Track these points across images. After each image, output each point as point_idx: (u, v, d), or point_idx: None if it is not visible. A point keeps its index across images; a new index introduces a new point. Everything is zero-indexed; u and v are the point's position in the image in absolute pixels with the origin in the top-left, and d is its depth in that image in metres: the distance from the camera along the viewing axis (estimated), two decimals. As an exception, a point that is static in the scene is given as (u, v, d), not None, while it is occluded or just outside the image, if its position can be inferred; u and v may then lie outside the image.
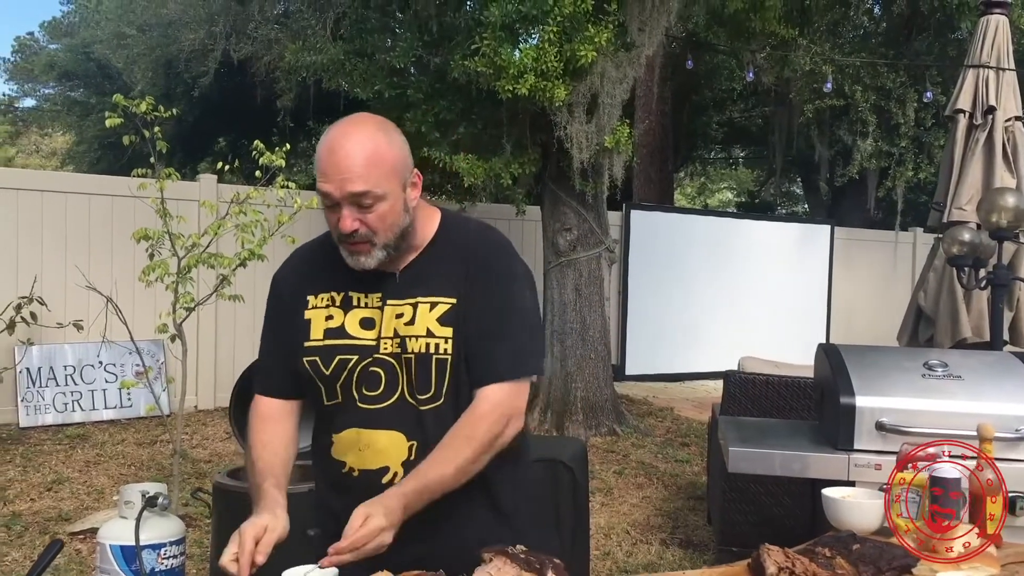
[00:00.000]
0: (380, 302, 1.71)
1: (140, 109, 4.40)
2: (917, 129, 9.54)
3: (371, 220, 1.62)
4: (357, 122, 1.67)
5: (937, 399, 2.82)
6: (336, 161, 1.60)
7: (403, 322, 1.68)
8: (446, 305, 1.68)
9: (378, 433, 1.68)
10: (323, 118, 10.04)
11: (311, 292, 1.77)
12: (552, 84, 5.79)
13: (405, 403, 1.68)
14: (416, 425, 1.68)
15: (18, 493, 5.01)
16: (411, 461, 1.66)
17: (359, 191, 1.59)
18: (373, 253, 1.65)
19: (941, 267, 4.60)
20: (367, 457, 1.69)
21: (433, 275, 1.71)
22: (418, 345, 1.66)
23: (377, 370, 1.69)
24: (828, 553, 1.66)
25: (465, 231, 1.80)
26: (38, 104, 20.01)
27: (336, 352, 1.70)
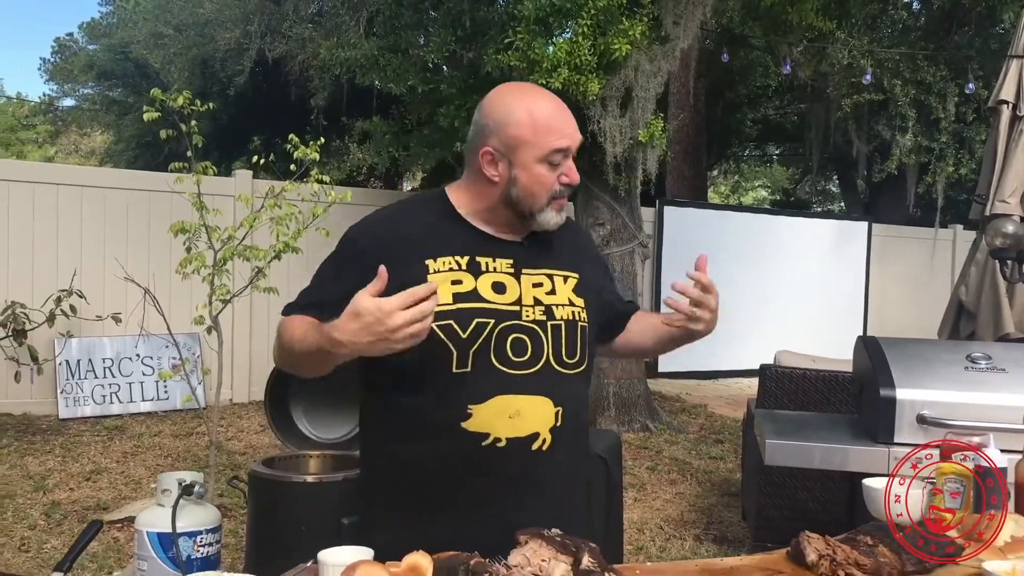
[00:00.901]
0: (512, 268, 1.73)
1: (177, 103, 4.44)
2: (958, 124, 9.36)
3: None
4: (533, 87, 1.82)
5: (980, 392, 2.77)
6: (565, 116, 1.72)
7: (544, 291, 1.74)
8: (574, 279, 1.80)
9: (528, 399, 1.67)
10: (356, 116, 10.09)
11: (429, 257, 1.70)
12: (586, 78, 5.76)
13: (551, 369, 1.70)
14: (561, 390, 1.71)
15: (57, 482, 5.09)
16: (558, 427, 1.69)
17: (578, 144, 1.74)
18: (566, 206, 1.79)
19: (983, 260, 4.49)
20: (517, 424, 1.66)
21: (556, 250, 1.81)
22: (566, 313, 1.74)
23: (522, 336, 1.69)
24: (870, 541, 1.63)
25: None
26: (77, 104, 20.34)
27: (473, 315, 1.66)
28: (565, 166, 1.71)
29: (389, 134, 7.72)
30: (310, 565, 1.59)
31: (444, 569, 1.40)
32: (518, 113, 1.68)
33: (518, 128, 1.67)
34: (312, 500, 3.10)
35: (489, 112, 1.72)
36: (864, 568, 1.55)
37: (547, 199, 1.71)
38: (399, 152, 7.65)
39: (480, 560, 1.45)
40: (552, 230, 1.76)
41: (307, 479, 3.15)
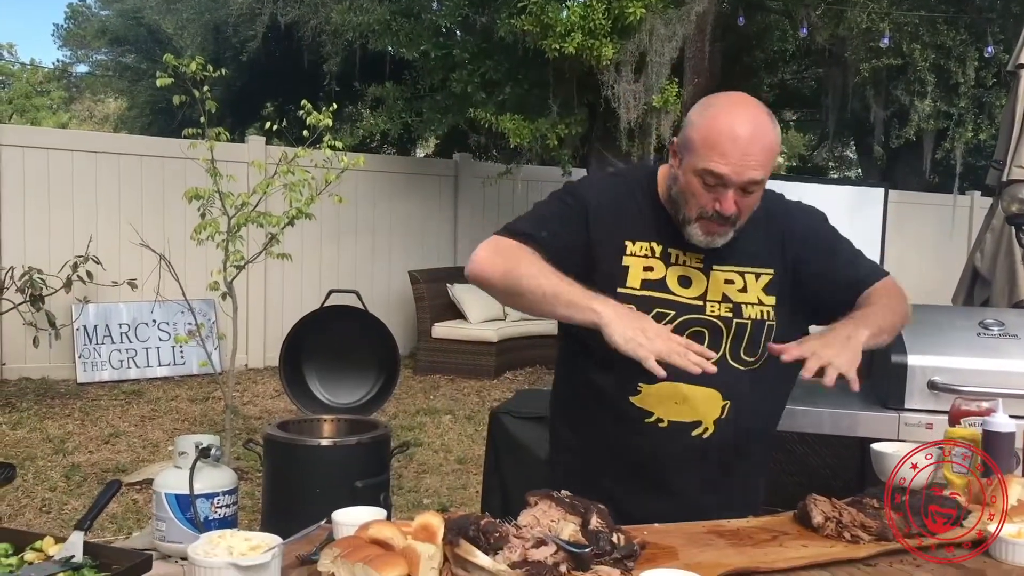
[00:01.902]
0: (701, 263, 1.76)
1: (190, 69, 4.44)
2: (977, 89, 9.23)
3: (747, 203, 1.68)
4: (751, 105, 1.69)
5: (992, 358, 2.75)
6: (741, 146, 1.62)
7: (735, 288, 1.77)
8: (768, 276, 1.79)
9: (697, 389, 1.72)
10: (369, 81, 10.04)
11: (628, 238, 1.77)
12: (600, 42, 5.72)
13: (726, 364, 1.74)
14: (734, 385, 1.75)
15: (77, 446, 5.17)
16: (723, 419, 1.75)
17: (758, 179, 1.65)
18: (728, 233, 1.71)
19: (999, 227, 4.45)
20: (683, 410, 1.74)
21: (751, 245, 1.79)
22: (754, 312, 1.76)
23: (701, 329, 1.74)
24: (876, 504, 1.64)
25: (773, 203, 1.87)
26: (91, 70, 20.35)
27: (655, 304, 1.73)
28: (722, 193, 1.65)
29: (402, 100, 7.69)
30: (324, 524, 1.62)
31: (454, 528, 1.42)
32: (706, 119, 1.67)
33: (695, 132, 1.67)
34: (326, 463, 3.15)
35: (696, 108, 1.74)
36: (869, 530, 1.56)
37: (696, 214, 1.69)
38: (412, 118, 7.62)
39: (490, 520, 1.47)
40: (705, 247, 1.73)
41: (321, 443, 3.20)
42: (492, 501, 3.13)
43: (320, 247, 7.68)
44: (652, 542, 1.55)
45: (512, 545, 1.42)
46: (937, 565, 1.52)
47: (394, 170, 8.52)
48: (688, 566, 1.41)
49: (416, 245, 8.35)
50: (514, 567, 1.37)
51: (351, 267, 8.00)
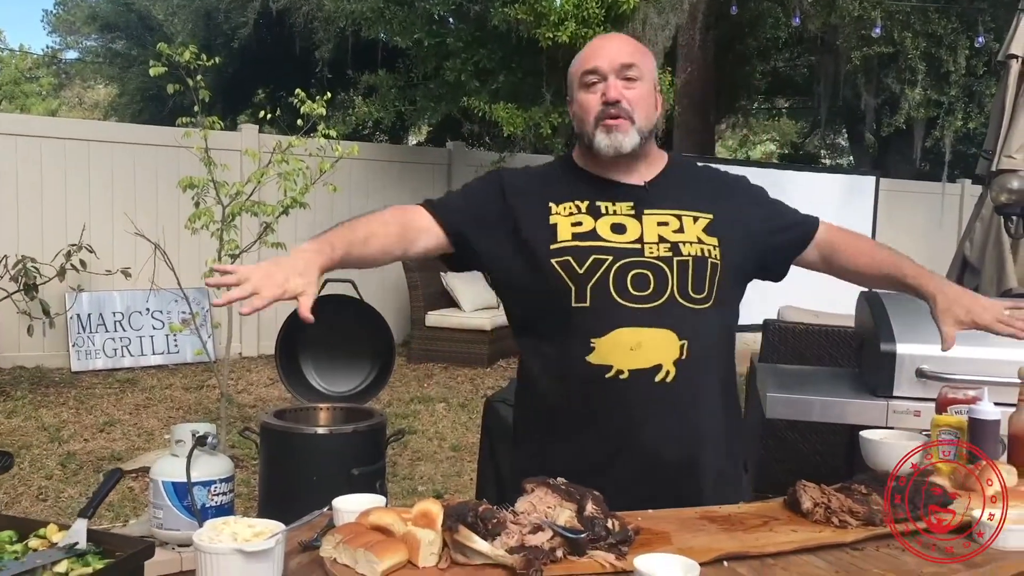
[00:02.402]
0: (632, 210, 1.81)
1: (184, 58, 4.44)
2: (968, 77, 9.28)
3: (631, 96, 1.77)
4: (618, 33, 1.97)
5: (980, 346, 2.78)
6: (607, 46, 1.82)
7: (671, 230, 1.79)
8: (706, 219, 1.82)
9: (651, 331, 1.72)
10: (361, 68, 10.02)
11: (552, 201, 1.82)
12: (593, 31, 5.74)
13: (676, 303, 1.74)
14: (687, 324, 1.75)
15: (72, 434, 5.19)
16: (682, 360, 1.73)
17: (628, 62, 1.78)
18: (630, 132, 1.77)
19: (988, 216, 4.50)
20: (639, 356, 1.72)
21: (683, 193, 1.86)
22: (694, 249, 1.77)
23: (645, 272, 1.75)
24: (864, 490, 1.68)
25: (691, 161, 2.05)
26: (80, 56, 20.21)
27: (591, 252, 1.75)
28: (604, 85, 1.77)
29: (395, 88, 7.69)
30: (325, 511, 1.65)
31: (453, 514, 1.46)
32: (584, 50, 1.85)
33: (571, 68, 1.85)
34: (323, 451, 3.18)
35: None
36: (857, 515, 1.60)
37: (593, 123, 1.79)
38: (405, 106, 7.62)
39: (488, 507, 1.51)
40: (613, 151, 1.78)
41: (318, 431, 3.22)
42: (487, 488, 3.16)
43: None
44: (646, 528, 1.59)
45: (510, 531, 1.46)
46: (921, 547, 1.56)
47: (387, 158, 8.52)
48: (681, 550, 1.45)
49: (409, 233, 8.35)
50: (512, 552, 1.41)
51: (345, 255, 8.01)
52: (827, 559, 1.50)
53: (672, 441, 1.77)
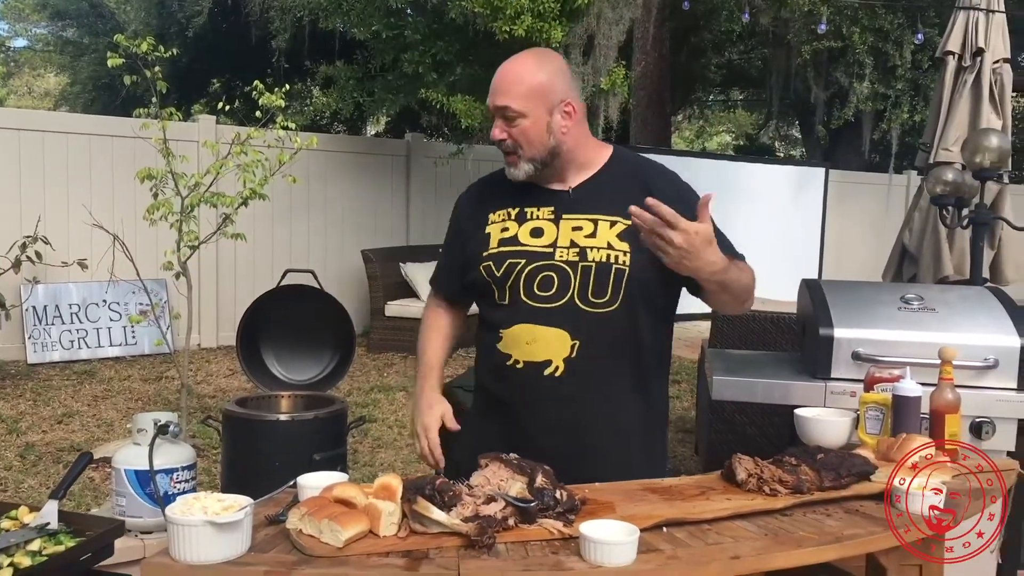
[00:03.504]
0: (552, 215, 1.96)
1: (141, 49, 4.45)
2: (914, 71, 9.54)
3: (514, 134, 1.90)
4: (523, 52, 1.98)
5: (911, 330, 2.96)
6: (496, 83, 1.92)
7: (583, 234, 1.92)
8: (623, 225, 1.90)
9: (545, 329, 1.90)
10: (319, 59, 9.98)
11: (491, 210, 2.03)
12: (549, 25, 5.82)
13: (574, 305, 1.89)
14: (581, 326, 1.89)
15: (30, 425, 5.18)
16: (571, 359, 1.89)
17: (500, 105, 1.90)
18: (520, 165, 1.93)
19: (926, 207, 4.70)
20: (532, 350, 1.91)
21: (608, 196, 1.95)
22: (599, 255, 1.90)
23: (550, 274, 1.91)
24: (794, 461, 1.81)
25: (636, 159, 2.09)
26: (30, 44, 19.79)
27: (507, 256, 1.95)
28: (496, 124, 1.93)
29: (353, 79, 7.72)
30: (289, 487, 1.74)
31: (412, 487, 1.56)
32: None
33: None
34: (285, 437, 3.23)
35: None
36: (786, 484, 1.73)
37: (503, 153, 1.96)
38: (363, 98, 7.65)
39: (445, 480, 1.61)
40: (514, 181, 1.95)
41: (279, 417, 3.28)
42: (446, 470, 3.26)
43: (272, 226, 7.70)
44: (592, 498, 1.71)
45: (465, 502, 1.57)
46: (845, 513, 1.70)
47: (346, 149, 8.54)
48: (624, 518, 1.57)
49: (369, 224, 8.40)
50: (467, 521, 1.52)
51: (304, 246, 8.04)
52: (757, 524, 1.63)
53: (559, 431, 1.92)
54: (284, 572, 1.38)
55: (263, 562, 1.42)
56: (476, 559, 1.45)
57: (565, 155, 1.95)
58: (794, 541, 1.55)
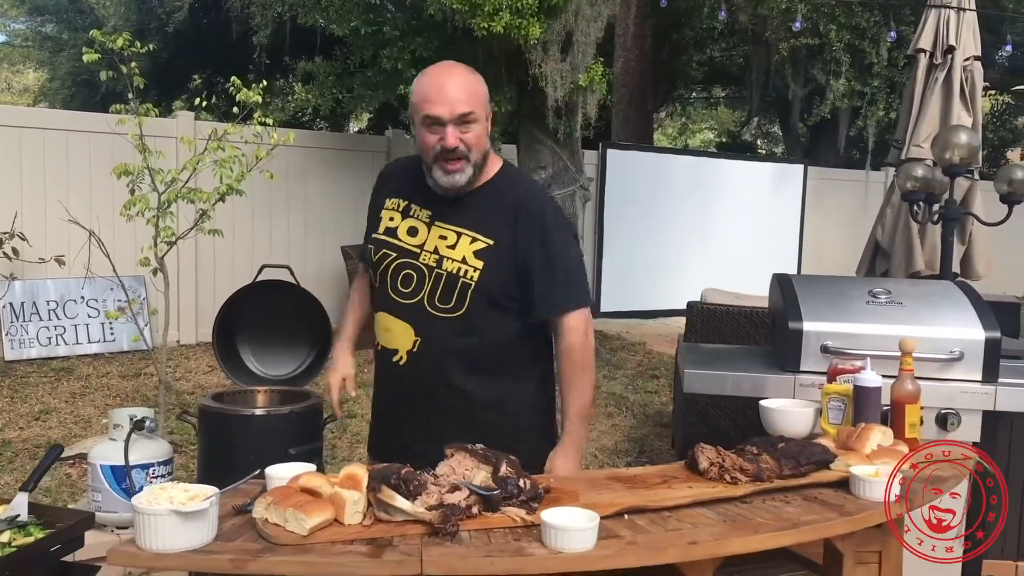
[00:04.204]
0: (429, 219, 2.09)
1: (117, 45, 4.43)
2: (890, 68, 9.63)
3: (469, 138, 1.99)
4: (454, 64, 2.06)
5: (878, 323, 3.01)
6: (447, 91, 1.96)
7: (446, 244, 2.05)
8: (484, 244, 2.03)
9: (397, 322, 2.09)
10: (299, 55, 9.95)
11: (389, 196, 2.18)
12: (527, 22, 5.84)
13: (423, 306, 2.05)
14: (426, 326, 2.05)
15: (7, 422, 5.16)
16: (414, 352, 2.07)
17: (465, 111, 1.96)
18: (465, 170, 2.02)
19: (898, 203, 4.77)
20: (388, 338, 2.11)
21: (478, 215, 2.05)
22: (452, 267, 2.03)
23: (411, 272, 2.07)
24: (755, 451, 1.85)
25: (519, 183, 2.16)
26: (8, 40, 19.61)
27: (383, 246, 2.12)
28: (442, 131, 1.97)
29: (332, 75, 7.70)
30: (255, 476, 1.76)
31: (378, 477, 1.58)
32: (419, 83, 2.03)
33: (413, 95, 2.04)
34: (260, 432, 3.24)
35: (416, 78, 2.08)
36: (747, 472, 1.77)
37: (432, 159, 2.02)
38: (343, 94, 7.65)
39: (410, 470, 1.64)
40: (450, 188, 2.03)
41: (255, 412, 3.29)
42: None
43: (252, 222, 7.68)
44: (556, 487, 1.74)
45: (430, 491, 1.60)
46: (804, 500, 1.74)
47: (326, 146, 8.53)
48: (587, 505, 1.60)
49: (348, 221, 8.38)
50: (431, 509, 1.54)
51: (284, 242, 8.02)
52: (717, 511, 1.67)
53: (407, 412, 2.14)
54: (248, 560, 1.41)
55: (228, 550, 1.44)
56: (439, 546, 1.47)
57: (482, 164, 2.05)
58: (751, 527, 1.59)
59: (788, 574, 1.77)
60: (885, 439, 1.93)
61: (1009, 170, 4.07)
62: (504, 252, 2.02)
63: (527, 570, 1.43)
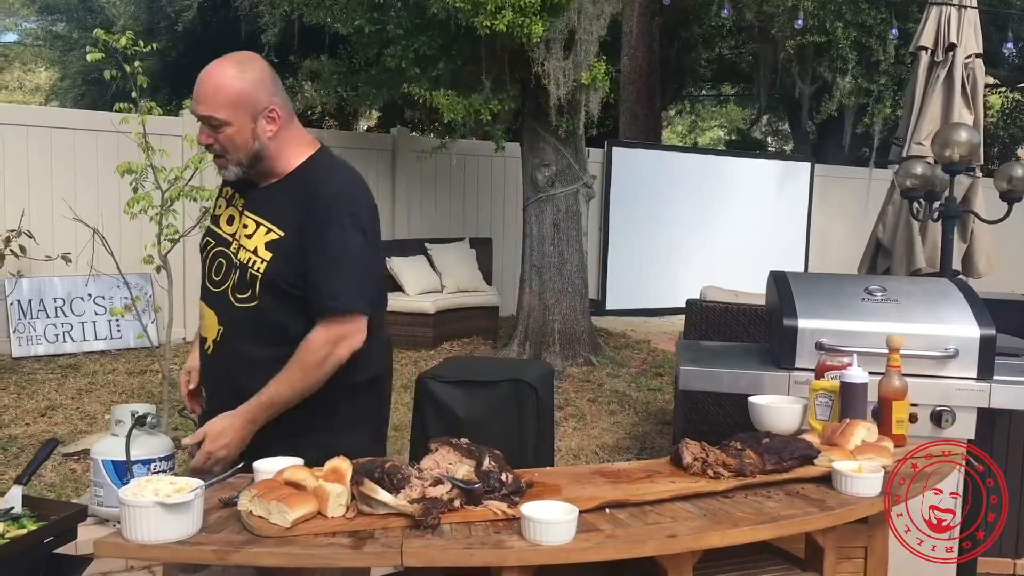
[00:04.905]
0: (241, 207, 2.10)
1: (120, 44, 4.47)
2: (897, 66, 9.59)
3: (220, 139, 1.99)
4: (223, 58, 2.02)
5: (873, 321, 3.01)
6: (197, 91, 1.98)
7: (246, 234, 2.05)
8: (276, 235, 2.01)
9: (208, 310, 2.10)
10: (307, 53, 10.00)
11: (227, 186, 2.17)
12: (529, 20, 5.85)
13: (227, 295, 2.05)
14: (228, 316, 2.05)
15: (13, 418, 5.21)
16: (218, 340, 2.07)
17: (204, 114, 1.97)
18: (229, 167, 2.04)
19: (899, 201, 4.76)
20: (202, 325, 2.14)
21: (279, 204, 2.03)
22: (244, 257, 2.02)
23: (223, 261, 2.08)
24: (739, 446, 1.86)
25: (319, 174, 2.05)
26: (20, 39, 19.75)
27: (207, 235, 2.16)
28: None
29: (337, 74, 7.74)
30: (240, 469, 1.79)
31: (361, 470, 1.60)
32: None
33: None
34: (260, 427, 3.29)
35: None
36: (729, 467, 1.78)
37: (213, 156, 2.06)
38: (347, 92, 7.68)
39: (394, 463, 1.66)
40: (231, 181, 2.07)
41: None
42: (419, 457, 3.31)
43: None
44: (540, 481, 1.76)
45: (413, 484, 1.62)
46: (786, 495, 1.75)
47: (332, 144, 8.44)
48: (568, 499, 1.62)
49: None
50: (413, 502, 1.56)
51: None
52: (698, 505, 1.68)
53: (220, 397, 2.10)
54: (231, 551, 1.43)
55: (212, 542, 1.46)
56: (420, 538, 1.49)
57: (268, 158, 2.03)
58: (731, 521, 1.60)
59: (770, 569, 1.78)
60: (869, 435, 1.94)
61: (1009, 167, 4.05)
62: (292, 245, 1.97)
63: (506, 562, 1.45)
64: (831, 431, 1.97)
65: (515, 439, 3.33)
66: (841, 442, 1.89)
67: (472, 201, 9.37)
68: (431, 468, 1.68)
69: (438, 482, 1.62)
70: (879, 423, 2.09)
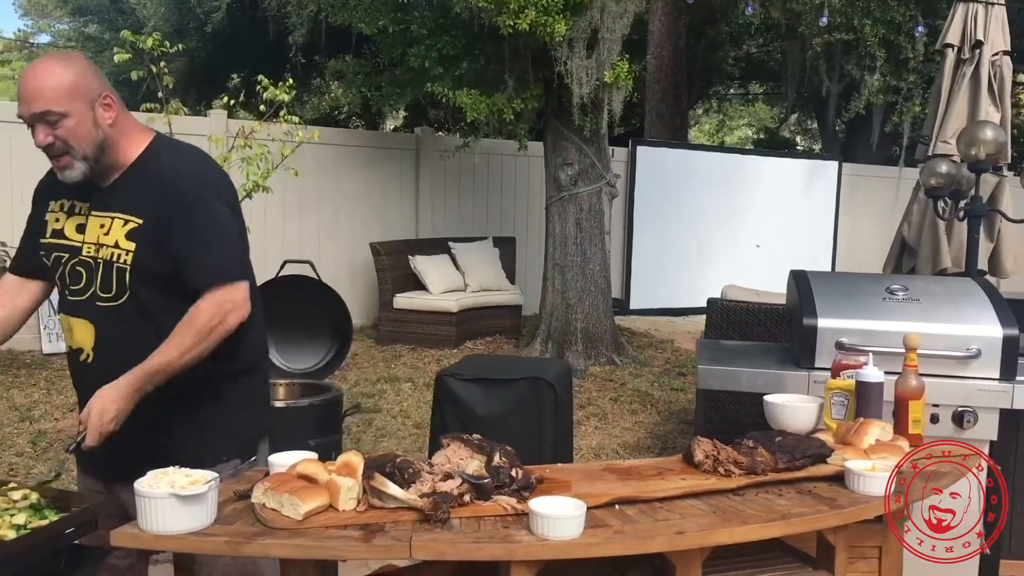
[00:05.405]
0: (88, 211, 2.03)
1: (147, 45, 4.54)
2: (926, 64, 9.46)
3: (61, 134, 1.92)
4: (42, 58, 2.00)
5: (893, 320, 2.98)
6: (23, 91, 1.92)
7: (102, 232, 2.00)
8: (134, 224, 1.97)
9: (75, 320, 2.04)
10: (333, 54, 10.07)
11: (52, 199, 2.10)
12: (552, 19, 5.85)
13: (94, 299, 2.00)
14: (100, 318, 2.01)
15: (43, 413, 5.31)
16: (97, 346, 2.02)
17: (39, 111, 1.90)
18: (75, 165, 1.96)
19: (924, 200, 4.70)
20: (71, 338, 2.07)
21: (130, 195, 2.00)
22: (107, 253, 1.98)
23: (80, 269, 2.02)
24: (752, 444, 1.86)
25: (165, 157, 2.05)
26: (53, 40, 20.05)
27: (54, 250, 2.07)
28: (35, 131, 1.93)
29: (361, 74, 7.79)
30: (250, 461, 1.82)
31: (373, 465, 1.62)
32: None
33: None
34: (281, 424, 3.34)
35: None
36: (741, 465, 1.78)
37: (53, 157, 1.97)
38: (371, 92, 7.73)
39: (406, 458, 1.68)
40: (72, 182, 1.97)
41: (276, 404, 3.38)
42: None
43: (283, 219, 7.80)
44: (550, 477, 1.77)
45: (424, 479, 1.63)
46: (797, 494, 1.75)
47: (356, 143, 8.63)
48: (578, 495, 1.62)
49: (377, 218, 8.48)
50: (423, 497, 1.58)
51: (314, 239, 8.13)
52: (708, 502, 1.69)
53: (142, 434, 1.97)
54: (243, 542, 1.45)
55: (225, 533, 1.49)
56: (429, 532, 1.51)
57: (112, 148, 1.99)
58: (741, 518, 1.60)
59: (781, 566, 1.78)
60: (884, 434, 1.93)
61: (1036, 166, 4.00)
62: (153, 230, 1.96)
63: (514, 556, 1.46)
64: (845, 430, 1.96)
65: (533, 437, 3.35)
66: (855, 441, 1.88)
67: (496, 200, 9.39)
68: (442, 463, 1.70)
69: (448, 477, 1.63)
70: (895, 423, 2.08)
